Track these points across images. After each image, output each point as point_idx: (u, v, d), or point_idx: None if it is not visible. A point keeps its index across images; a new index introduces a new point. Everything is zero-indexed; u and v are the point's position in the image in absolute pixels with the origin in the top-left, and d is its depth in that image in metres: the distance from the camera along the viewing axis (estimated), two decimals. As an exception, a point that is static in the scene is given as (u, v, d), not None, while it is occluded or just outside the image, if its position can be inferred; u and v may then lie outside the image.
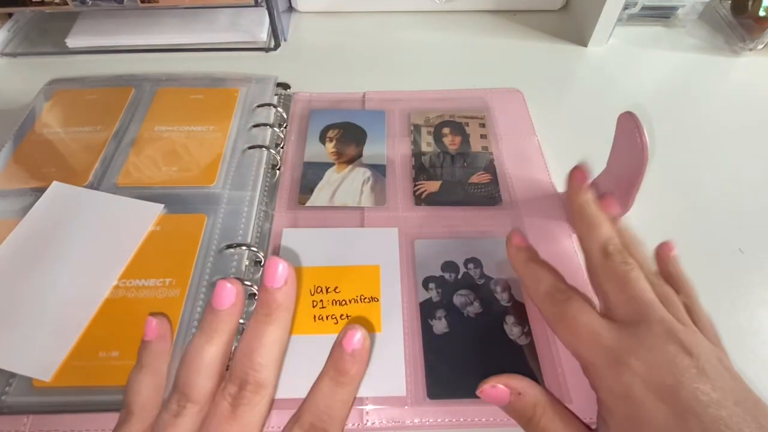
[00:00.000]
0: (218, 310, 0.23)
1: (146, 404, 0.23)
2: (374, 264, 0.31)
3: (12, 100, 0.42)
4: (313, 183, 0.35)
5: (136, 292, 0.28)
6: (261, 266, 0.31)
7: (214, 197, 0.33)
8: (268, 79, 0.42)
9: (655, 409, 0.20)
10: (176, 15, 0.48)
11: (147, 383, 0.23)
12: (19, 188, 0.33)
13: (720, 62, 0.47)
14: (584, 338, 0.22)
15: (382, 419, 0.25)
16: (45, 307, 0.27)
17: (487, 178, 0.36)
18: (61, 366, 0.26)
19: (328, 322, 0.28)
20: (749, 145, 0.39)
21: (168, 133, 0.37)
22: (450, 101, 0.42)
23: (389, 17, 0.52)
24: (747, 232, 0.34)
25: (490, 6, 0.52)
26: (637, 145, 0.25)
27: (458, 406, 0.26)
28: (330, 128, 0.39)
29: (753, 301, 0.30)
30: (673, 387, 0.20)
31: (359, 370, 0.23)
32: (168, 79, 0.41)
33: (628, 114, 0.26)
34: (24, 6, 0.43)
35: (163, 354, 0.25)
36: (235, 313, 0.23)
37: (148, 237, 0.31)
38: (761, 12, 0.46)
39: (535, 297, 0.26)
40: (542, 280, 0.25)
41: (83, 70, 0.44)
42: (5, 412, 0.25)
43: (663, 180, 0.36)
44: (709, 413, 0.19)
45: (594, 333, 0.22)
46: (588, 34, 0.48)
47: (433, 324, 0.29)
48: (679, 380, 0.20)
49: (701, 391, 0.20)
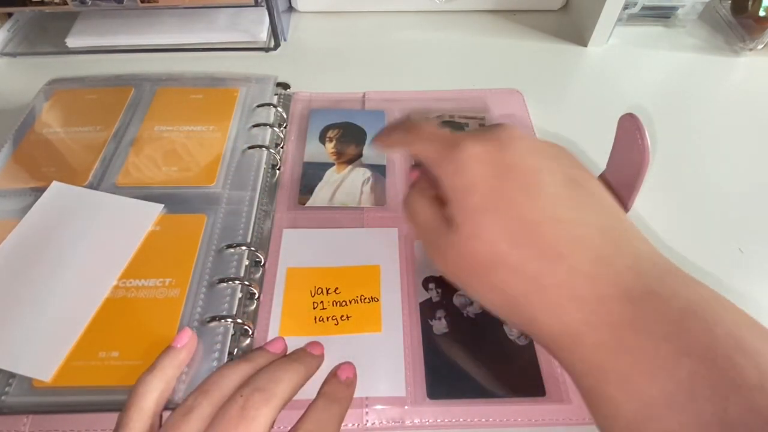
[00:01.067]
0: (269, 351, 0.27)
1: (148, 409, 0.23)
2: (374, 264, 0.31)
3: (12, 100, 0.42)
4: (313, 183, 0.35)
5: (136, 292, 0.28)
6: (261, 266, 0.31)
7: (214, 197, 0.33)
8: (268, 79, 0.42)
9: (480, 170, 0.21)
10: (176, 15, 0.48)
11: (155, 387, 0.23)
12: (18, 188, 0.33)
13: (720, 62, 0.47)
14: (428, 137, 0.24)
15: (382, 419, 0.25)
16: (45, 307, 0.27)
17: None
18: (61, 366, 0.26)
19: (329, 323, 0.28)
20: (749, 145, 0.39)
21: (168, 133, 0.37)
22: (450, 101, 0.42)
23: (389, 17, 0.52)
24: (747, 232, 0.34)
25: (490, 6, 0.52)
26: (638, 146, 0.25)
27: (458, 406, 0.26)
28: (330, 128, 0.39)
29: (753, 301, 0.30)
30: (498, 148, 0.22)
31: (349, 394, 0.26)
32: (168, 79, 0.41)
33: (630, 115, 0.26)
34: (24, 6, 0.43)
35: (181, 366, 0.25)
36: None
37: (148, 237, 0.31)
38: (761, 12, 0.46)
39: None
40: None
41: (83, 70, 0.44)
42: (5, 412, 0.25)
43: (663, 180, 0.36)
44: (528, 163, 0.21)
45: (437, 132, 0.24)
46: (588, 34, 0.47)
47: (433, 324, 0.29)
48: (504, 142, 0.22)
49: (522, 147, 0.22)
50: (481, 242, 0.21)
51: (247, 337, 0.28)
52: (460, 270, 0.23)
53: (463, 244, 0.22)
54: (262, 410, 0.22)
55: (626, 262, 0.19)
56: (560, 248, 0.20)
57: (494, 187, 0.21)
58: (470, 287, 0.23)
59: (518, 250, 0.20)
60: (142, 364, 0.25)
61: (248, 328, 0.28)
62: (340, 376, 0.26)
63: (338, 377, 0.26)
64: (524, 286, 0.20)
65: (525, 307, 0.21)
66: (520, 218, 0.21)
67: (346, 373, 0.26)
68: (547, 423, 0.25)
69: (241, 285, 0.29)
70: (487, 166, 0.22)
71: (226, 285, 0.29)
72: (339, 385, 0.26)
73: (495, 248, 0.21)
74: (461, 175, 0.22)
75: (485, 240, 0.21)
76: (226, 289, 0.28)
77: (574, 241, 0.20)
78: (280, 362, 0.25)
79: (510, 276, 0.21)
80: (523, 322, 0.22)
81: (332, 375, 0.26)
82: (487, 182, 0.21)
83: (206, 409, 0.22)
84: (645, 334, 0.17)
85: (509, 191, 0.21)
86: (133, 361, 0.26)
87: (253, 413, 0.22)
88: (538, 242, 0.20)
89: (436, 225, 0.23)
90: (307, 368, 0.25)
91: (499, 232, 0.21)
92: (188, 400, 0.23)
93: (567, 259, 0.20)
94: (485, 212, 0.21)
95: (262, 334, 0.28)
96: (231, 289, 0.28)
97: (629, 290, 0.19)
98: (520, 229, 0.20)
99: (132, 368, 0.25)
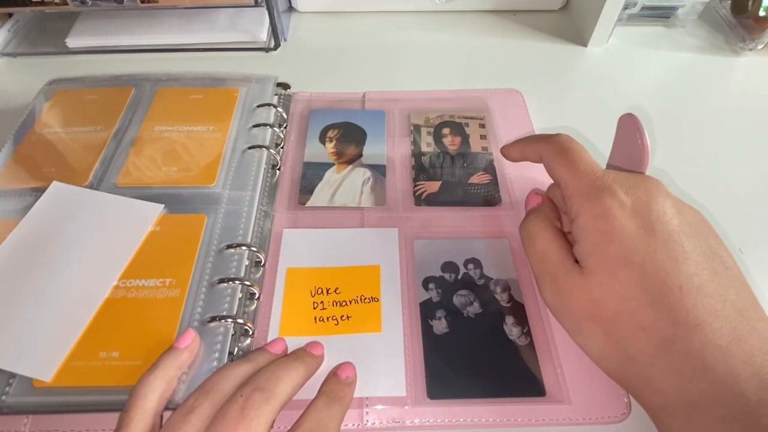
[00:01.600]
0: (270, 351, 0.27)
1: (149, 409, 0.23)
2: (374, 264, 0.31)
3: (12, 100, 0.42)
4: (313, 183, 0.35)
5: (137, 292, 0.28)
6: (261, 266, 0.31)
7: (214, 197, 0.33)
8: (268, 79, 0.42)
9: (628, 221, 0.22)
10: (176, 15, 0.48)
11: (156, 387, 0.23)
12: (19, 188, 0.33)
13: (720, 62, 0.47)
14: (580, 169, 0.24)
15: (382, 419, 0.25)
16: (45, 307, 0.27)
17: (487, 178, 0.36)
18: (62, 366, 0.26)
19: (329, 323, 0.28)
20: (749, 145, 0.39)
21: (168, 133, 0.37)
22: (450, 101, 0.42)
23: (389, 17, 0.52)
24: (747, 232, 0.34)
25: (490, 6, 0.52)
26: (637, 147, 0.25)
27: (458, 406, 0.26)
28: (330, 128, 0.39)
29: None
30: (646, 203, 0.22)
31: (350, 393, 0.26)
32: (168, 79, 0.41)
33: (629, 115, 0.26)
34: (24, 6, 0.43)
35: (182, 366, 0.25)
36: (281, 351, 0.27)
37: (148, 237, 0.31)
38: (761, 12, 0.46)
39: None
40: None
41: (83, 70, 0.44)
42: (5, 412, 0.25)
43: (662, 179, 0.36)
44: (674, 225, 0.22)
45: (589, 165, 0.24)
46: (588, 34, 0.48)
47: (433, 324, 0.29)
48: (654, 197, 0.22)
49: (669, 206, 0.22)
50: (613, 292, 0.21)
51: (248, 337, 0.28)
52: (575, 313, 0.23)
53: (591, 290, 0.22)
54: (262, 410, 0.22)
55: (757, 343, 0.19)
56: (698, 318, 0.20)
57: (638, 242, 0.21)
58: (581, 332, 0.23)
59: (653, 310, 0.20)
60: (143, 364, 0.25)
61: (248, 328, 0.28)
62: (340, 375, 0.26)
63: (338, 376, 0.26)
64: (651, 346, 0.20)
65: (643, 367, 0.21)
66: (660, 279, 0.20)
67: (346, 372, 0.26)
68: (547, 423, 0.25)
69: (241, 285, 0.29)
70: (634, 219, 0.22)
71: (227, 285, 0.29)
72: (339, 384, 0.26)
73: (627, 302, 0.21)
74: (606, 221, 0.22)
75: (618, 292, 0.21)
76: (227, 289, 0.28)
77: (713, 315, 0.20)
78: (280, 362, 0.25)
79: (635, 333, 0.21)
80: (634, 378, 0.22)
81: (332, 374, 0.26)
82: (632, 235, 0.21)
83: (207, 409, 0.22)
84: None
85: (653, 251, 0.21)
86: (133, 362, 0.26)
87: (253, 413, 0.22)
88: (677, 308, 0.20)
89: (560, 260, 0.23)
90: (308, 368, 0.25)
91: (636, 287, 0.21)
92: (189, 400, 0.23)
93: (704, 329, 0.20)
94: (625, 264, 0.21)
95: (263, 334, 0.28)
96: (231, 289, 0.28)
97: (761, 371, 0.19)
98: (660, 290, 0.20)
99: (132, 368, 0.25)
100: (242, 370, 0.24)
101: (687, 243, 0.21)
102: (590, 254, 0.22)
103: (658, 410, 0.21)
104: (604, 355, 0.23)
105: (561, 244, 0.24)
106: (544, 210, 0.26)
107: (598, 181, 0.23)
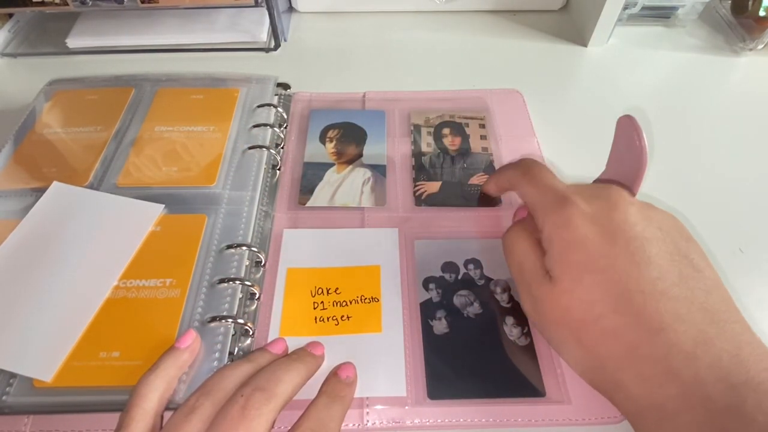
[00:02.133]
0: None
1: (150, 409, 0.23)
2: (374, 264, 0.31)
3: (12, 101, 0.42)
4: (313, 183, 0.35)
5: (137, 292, 0.28)
6: (261, 266, 0.31)
7: (215, 197, 0.33)
8: (268, 79, 0.42)
9: (589, 229, 0.22)
10: (176, 15, 0.48)
11: (157, 387, 0.23)
12: (19, 188, 0.33)
13: (720, 62, 0.47)
14: (542, 185, 0.25)
15: (383, 419, 0.25)
16: (45, 307, 0.27)
17: (486, 178, 0.36)
18: (62, 366, 0.26)
19: (329, 323, 0.28)
20: (749, 145, 0.39)
21: (168, 134, 0.37)
22: (450, 101, 0.42)
23: (389, 17, 0.52)
24: (747, 232, 0.34)
25: (490, 6, 0.52)
26: (636, 148, 0.25)
27: (458, 406, 0.26)
28: (330, 128, 0.39)
29: (753, 301, 0.30)
30: (607, 210, 0.23)
31: (350, 393, 0.26)
32: (168, 80, 0.41)
33: (627, 117, 0.26)
34: (24, 6, 0.43)
35: (183, 367, 0.25)
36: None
37: (149, 237, 0.31)
38: (761, 12, 0.46)
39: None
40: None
41: (83, 70, 0.44)
42: (6, 412, 0.25)
43: (662, 180, 0.36)
44: (636, 230, 0.22)
45: (551, 181, 0.26)
46: (588, 34, 0.48)
47: (433, 324, 0.29)
48: (616, 204, 0.23)
49: (632, 213, 0.22)
50: (578, 300, 0.22)
51: (248, 337, 0.28)
52: (548, 321, 0.23)
53: (558, 298, 0.22)
54: (262, 410, 0.22)
55: (726, 346, 0.19)
56: (663, 322, 0.20)
57: (600, 249, 0.21)
58: (555, 339, 0.24)
59: (617, 315, 0.21)
60: (143, 365, 0.25)
61: (249, 329, 0.28)
62: (341, 375, 0.26)
63: (339, 376, 0.26)
64: (618, 351, 0.21)
65: (613, 372, 0.21)
66: (623, 285, 0.21)
67: (347, 372, 0.26)
68: (547, 423, 0.25)
69: (241, 285, 0.29)
70: (595, 226, 0.22)
71: (227, 285, 0.29)
72: (339, 384, 0.26)
73: (592, 308, 0.21)
74: (567, 230, 0.22)
75: (583, 298, 0.21)
76: (227, 290, 0.29)
77: (677, 318, 0.20)
78: (280, 362, 0.25)
79: (603, 338, 0.21)
80: (606, 383, 0.22)
81: (333, 374, 0.26)
82: (593, 242, 0.22)
83: (208, 410, 0.22)
84: (747, 420, 0.17)
85: (615, 256, 0.21)
86: (133, 362, 0.26)
87: (254, 413, 0.22)
88: (641, 312, 0.20)
89: (534, 270, 0.24)
90: (308, 368, 0.26)
91: (600, 293, 0.21)
92: (190, 400, 0.23)
93: (668, 333, 0.20)
94: (587, 271, 0.21)
95: (263, 334, 0.28)
96: (231, 290, 0.29)
97: (729, 375, 0.19)
98: (623, 296, 0.21)
99: (133, 368, 0.25)
100: (243, 370, 0.24)
101: (651, 248, 0.21)
102: (556, 262, 0.23)
103: (632, 416, 0.21)
104: (578, 362, 0.23)
105: (537, 255, 0.25)
106: (525, 223, 0.27)
107: (559, 194, 0.24)
